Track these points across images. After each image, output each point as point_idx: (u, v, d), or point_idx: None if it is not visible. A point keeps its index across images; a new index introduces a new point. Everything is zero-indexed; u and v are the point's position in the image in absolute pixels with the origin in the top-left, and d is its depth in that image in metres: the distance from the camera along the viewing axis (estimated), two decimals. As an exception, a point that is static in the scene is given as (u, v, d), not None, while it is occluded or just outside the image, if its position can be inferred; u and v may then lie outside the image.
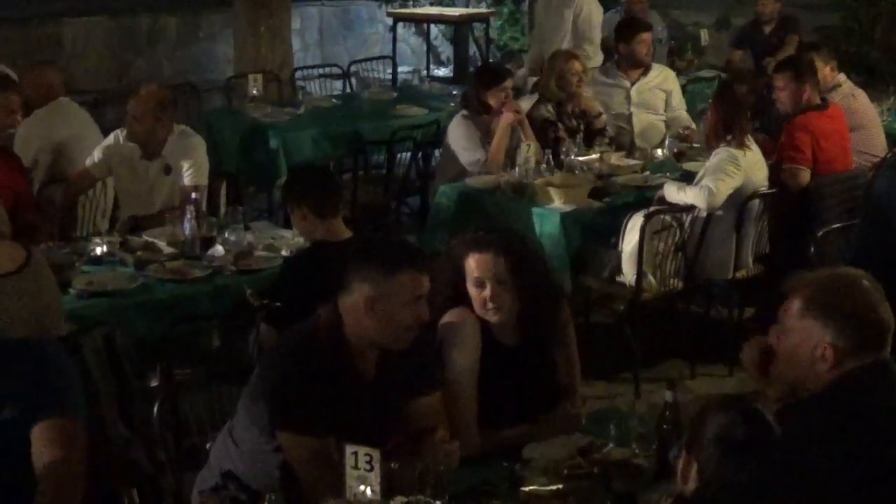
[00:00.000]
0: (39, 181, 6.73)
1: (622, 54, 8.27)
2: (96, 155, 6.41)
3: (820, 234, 6.11)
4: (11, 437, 3.31)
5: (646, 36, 8.17)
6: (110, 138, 6.47)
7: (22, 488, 3.28)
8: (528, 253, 4.11)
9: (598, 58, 9.44)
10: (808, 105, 7.03)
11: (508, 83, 7.32)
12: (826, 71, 7.70)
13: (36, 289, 4.45)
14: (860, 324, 3.16)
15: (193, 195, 5.95)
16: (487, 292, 3.92)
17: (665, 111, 8.20)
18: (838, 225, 6.25)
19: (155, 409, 4.03)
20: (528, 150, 6.97)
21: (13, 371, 3.41)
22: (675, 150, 7.48)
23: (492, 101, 7.22)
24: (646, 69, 8.18)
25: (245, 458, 3.66)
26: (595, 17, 9.68)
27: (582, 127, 7.58)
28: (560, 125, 7.51)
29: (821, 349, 3.15)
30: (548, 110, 7.54)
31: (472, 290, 3.95)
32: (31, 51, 10.49)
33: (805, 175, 6.81)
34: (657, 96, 8.16)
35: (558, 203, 6.48)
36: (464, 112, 7.36)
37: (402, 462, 3.42)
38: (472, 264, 3.94)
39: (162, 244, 5.73)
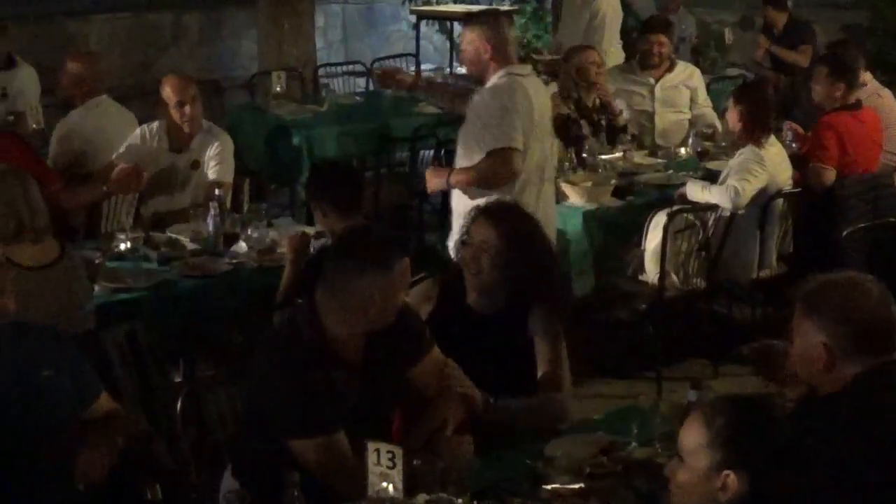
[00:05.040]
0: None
1: (639, 52, 8.27)
2: (124, 150, 6.42)
3: (845, 233, 6.09)
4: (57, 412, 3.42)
5: (655, 37, 8.12)
6: (137, 133, 6.49)
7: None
8: (529, 235, 4.22)
9: (610, 60, 9.36)
10: (842, 104, 7.00)
11: None
12: (853, 69, 7.66)
13: (67, 283, 4.49)
14: (859, 326, 3.16)
15: (217, 192, 5.97)
16: (470, 251, 4.12)
17: (690, 108, 8.16)
18: (863, 225, 6.23)
19: (178, 405, 4.04)
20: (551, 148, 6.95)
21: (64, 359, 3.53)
22: (699, 149, 7.46)
23: None
24: (670, 66, 8.15)
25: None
26: (612, 22, 9.64)
27: (604, 122, 7.56)
28: (582, 122, 7.49)
29: (817, 349, 3.16)
30: (569, 108, 7.52)
31: (463, 249, 4.18)
32: (55, 48, 10.51)
33: (830, 174, 6.78)
34: (682, 93, 8.12)
35: (581, 201, 6.47)
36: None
37: (424, 459, 3.42)
38: (475, 225, 4.16)
39: (185, 240, 5.75)
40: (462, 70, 13.13)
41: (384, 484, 3.29)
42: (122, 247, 5.59)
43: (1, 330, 3.47)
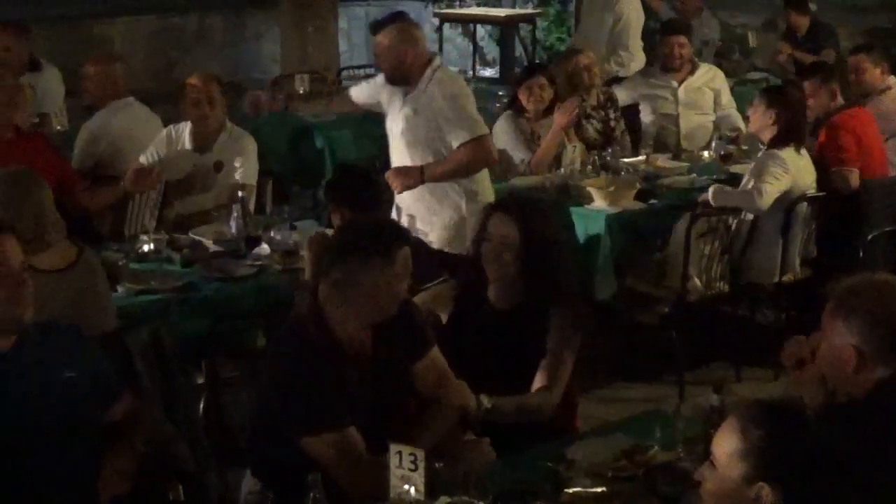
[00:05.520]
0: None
1: (659, 55, 8.25)
2: (150, 151, 6.44)
3: (869, 237, 6.06)
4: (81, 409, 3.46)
5: (675, 38, 8.10)
6: (163, 134, 6.51)
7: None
8: (546, 227, 4.26)
9: (633, 64, 9.36)
10: (840, 106, 6.99)
11: (539, 80, 7.27)
12: (877, 73, 7.63)
13: (85, 286, 4.50)
14: (891, 329, 3.13)
15: (240, 193, 5.97)
16: (490, 249, 4.14)
17: (714, 111, 8.13)
18: (888, 229, 6.20)
19: (200, 407, 4.05)
20: (574, 151, 6.95)
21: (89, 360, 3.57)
22: (723, 153, 7.43)
23: (522, 98, 7.22)
24: (693, 68, 8.13)
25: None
26: (634, 23, 9.61)
27: (612, 115, 7.56)
28: (592, 122, 7.48)
29: (846, 352, 3.13)
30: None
31: (483, 246, 4.18)
32: (79, 50, 10.55)
33: (855, 177, 6.75)
34: (705, 95, 8.10)
35: (603, 205, 6.45)
36: (509, 112, 7.35)
37: (445, 462, 3.41)
38: (492, 221, 4.16)
39: (208, 242, 5.76)
40: (486, 73, 13.19)
41: (406, 486, 3.29)
42: (146, 248, 5.61)
43: (25, 331, 3.48)
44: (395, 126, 5.90)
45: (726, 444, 2.80)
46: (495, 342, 4.15)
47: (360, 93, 6.22)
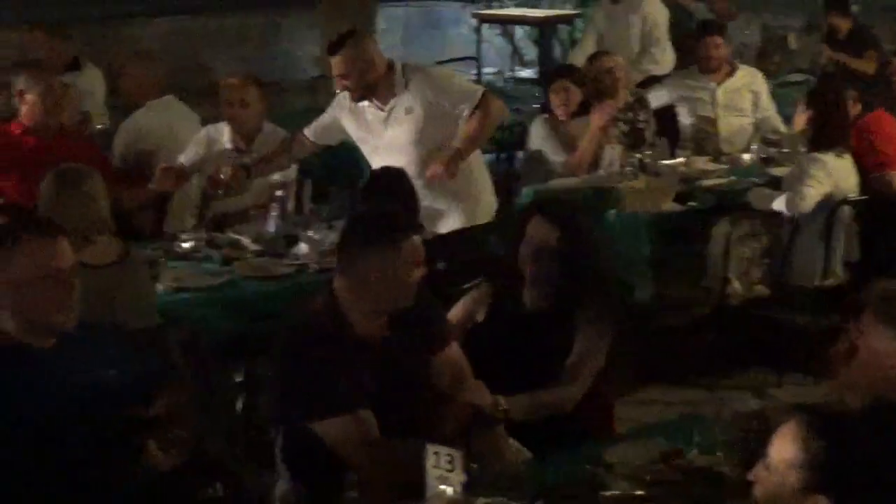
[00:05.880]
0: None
1: (695, 56, 8.21)
2: (190, 150, 6.47)
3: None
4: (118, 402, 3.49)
5: (711, 39, 8.05)
6: (202, 133, 6.54)
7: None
8: (583, 231, 4.31)
9: (666, 61, 9.33)
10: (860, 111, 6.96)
11: (564, 83, 7.24)
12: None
13: (131, 282, 4.54)
14: None
15: (279, 193, 5.99)
16: (529, 251, 4.16)
17: (754, 113, 8.08)
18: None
19: (237, 405, 4.07)
20: (613, 153, 6.93)
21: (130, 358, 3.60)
22: (763, 155, 7.39)
23: (552, 99, 7.21)
24: (731, 70, 8.09)
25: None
26: (661, 20, 9.57)
27: (641, 118, 7.53)
28: (614, 128, 7.47)
29: (891, 358, 3.11)
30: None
31: (522, 248, 4.20)
32: (119, 50, 10.61)
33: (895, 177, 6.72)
34: (744, 97, 8.04)
35: (642, 206, 6.43)
36: (544, 115, 7.34)
37: (482, 463, 3.41)
38: (532, 223, 4.21)
39: (247, 241, 5.78)
40: (523, 73, 13.17)
41: (443, 487, 3.28)
42: (185, 247, 5.65)
43: (66, 329, 3.50)
44: (387, 136, 5.81)
45: (785, 451, 2.78)
46: (529, 344, 4.16)
47: (320, 132, 6.12)
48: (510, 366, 4.09)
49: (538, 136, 7.22)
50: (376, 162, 5.81)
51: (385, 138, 5.81)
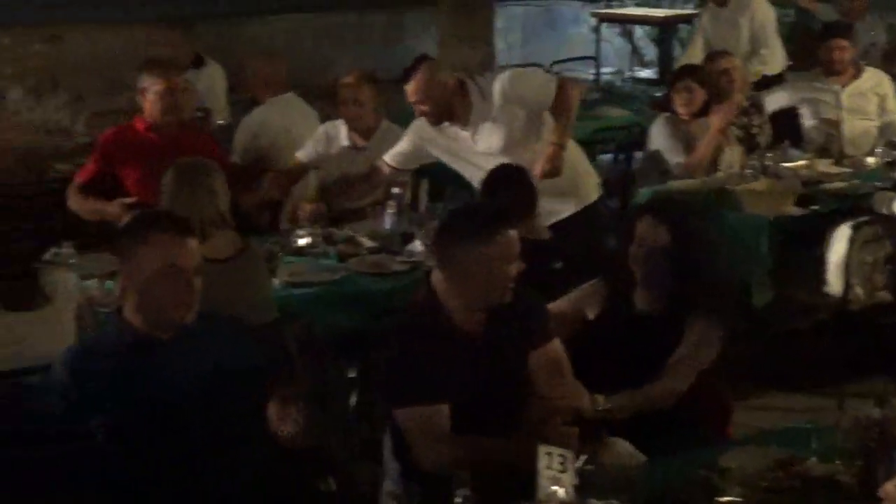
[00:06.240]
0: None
1: (819, 59, 8.07)
2: (308, 147, 6.54)
3: None
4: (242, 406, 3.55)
5: (835, 42, 7.90)
6: (321, 130, 6.60)
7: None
8: (696, 230, 4.29)
9: (776, 62, 9.18)
10: None
11: (687, 83, 7.16)
12: None
13: (249, 276, 4.60)
14: None
15: (396, 190, 6.02)
16: (640, 251, 4.15)
17: (879, 116, 7.92)
18: None
19: (351, 400, 4.09)
20: (733, 154, 6.84)
21: (250, 351, 3.68)
22: (887, 159, 7.24)
23: (674, 98, 7.13)
24: (857, 72, 7.94)
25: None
26: (769, 21, 9.41)
27: (755, 122, 7.41)
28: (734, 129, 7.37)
29: None
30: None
31: (632, 248, 4.20)
32: (241, 47, 10.76)
33: None
34: (870, 100, 7.89)
35: (762, 209, 6.34)
36: (666, 114, 7.27)
37: (595, 465, 3.39)
38: (641, 223, 4.19)
39: (363, 238, 5.82)
40: (642, 73, 13.08)
41: (554, 488, 3.27)
42: (302, 242, 5.70)
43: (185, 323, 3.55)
44: (478, 149, 5.82)
45: None
46: (638, 346, 4.13)
47: (402, 159, 6.11)
48: (619, 366, 4.07)
49: (659, 136, 7.16)
50: (472, 175, 5.84)
51: (476, 152, 5.83)
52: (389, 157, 6.09)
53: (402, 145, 6.07)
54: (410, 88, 5.76)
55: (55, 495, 3.28)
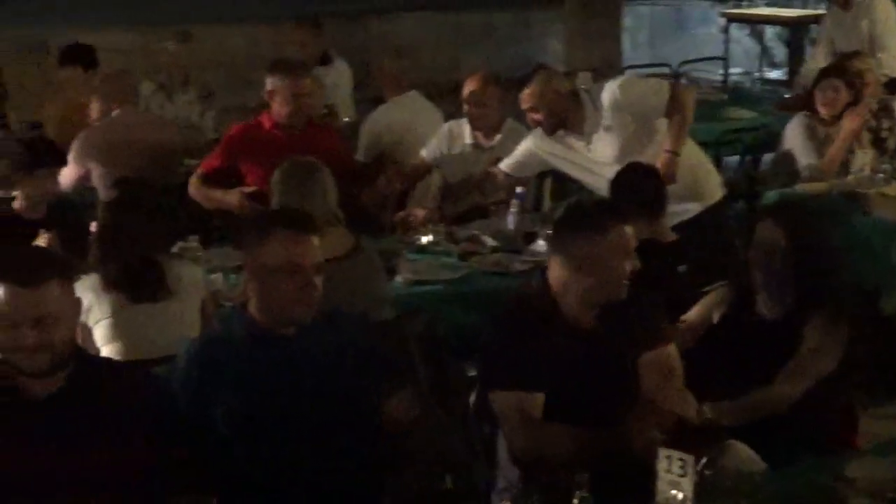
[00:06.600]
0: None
1: None
2: (432, 145, 6.57)
3: None
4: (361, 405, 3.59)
5: None
6: (445, 128, 6.63)
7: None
8: (817, 234, 4.21)
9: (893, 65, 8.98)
10: None
11: (835, 82, 7.02)
12: None
13: (363, 274, 4.61)
14: None
15: (519, 190, 6.01)
16: (760, 254, 4.10)
17: None
18: None
19: (471, 399, 4.09)
20: (864, 157, 6.71)
21: (371, 348, 3.69)
22: None
23: (817, 97, 7.00)
24: None
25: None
26: (890, 23, 9.19)
27: (884, 126, 7.24)
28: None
29: None
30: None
31: (752, 251, 4.16)
32: (366, 45, 10.85)
33: None
34: None
35: (893, 214, 6.21)
36: (805, 113, 7.14)
37: (715, 469, 3.35)
38: (760, 226, 4.15)
39: (486, 237, 5.82)
40: (772, 75, 12.89)
41: (674, 492, 3.24)
42: (424, 240, 5.72)
43: (313, 318, 3.57)
44: (593, 157, 5.81)
45: None
46: (756, 351, 4.07)
47: (517, 167, 6.08)
48: (735, 371, 4.02)
49: (793, 135, 7.04)
50: (592, 182, 5.85)
51: (591, 160, 5.82)
52: (505, 165, 6.10)
53: (518, 155, 6.07)
54: (525, 95, 5.76)
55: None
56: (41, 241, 5.18)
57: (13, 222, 5.57)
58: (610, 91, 5.72)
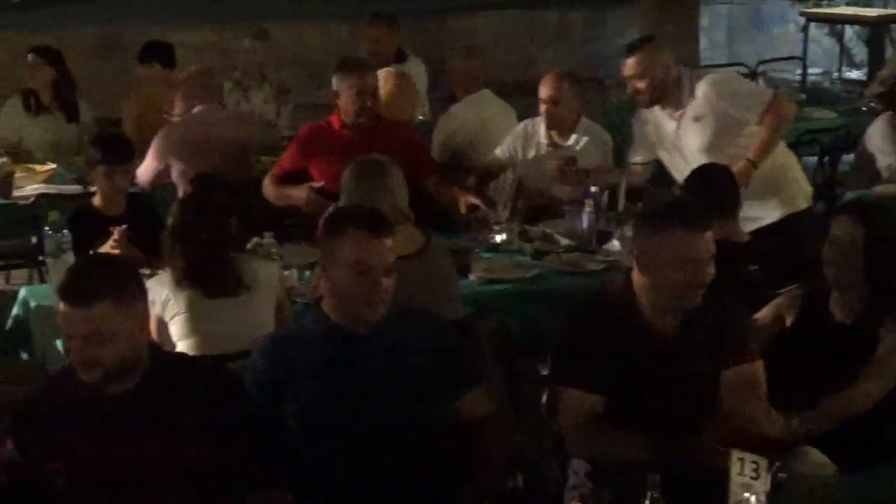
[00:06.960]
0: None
1: None
2: (506, 143, 6.57)
3: None
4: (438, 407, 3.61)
5: None
6: (520, 127, 6.62)
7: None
8: (891, 239, 4.07)
9: None
10: None
11: None
12: None
13: (433, 272, 4.61)
14: None
15: (592, 189, 5.99)
16: (830, 252, 4.03)
17: None
18: None
19: (543, 398, 4.09)
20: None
21: (445, 346, 3.68)
22: None
23: None
24: None
25: None
26: None
27: None
28: None
29: None
30: None
31: (825, 250, 4.07)
32: (443, 43, 10.87)
33: None
34: None
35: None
36: (890, 113, 7.05)
37: (789, 473, 3.32)
38: (836, 223, 4.07)
39: (559, 236, 5.81)
40: (852, 75, 12.73)
41: (747, 495, 3.21)
42: (497, 239, 5.72)
43: (386, 316, 3.59)
44: (679, 144, 5.81)
45: None
46: (832, 354, 4.01)
47: (645, 152, 6.12)
48: (808, 376, 3.97)
49: (878, 135, 6.96)
50: (674, 165, 5.86)
51: (677, 146, 5.80)
52: (635, 154, 6.13)
53: (640, 136, 6.09)
54: (630, 62, 5.76)
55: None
56: (116, 235, 5.24)
57: (92, 218, 5.65)
58: (709, 84, 5.70)
